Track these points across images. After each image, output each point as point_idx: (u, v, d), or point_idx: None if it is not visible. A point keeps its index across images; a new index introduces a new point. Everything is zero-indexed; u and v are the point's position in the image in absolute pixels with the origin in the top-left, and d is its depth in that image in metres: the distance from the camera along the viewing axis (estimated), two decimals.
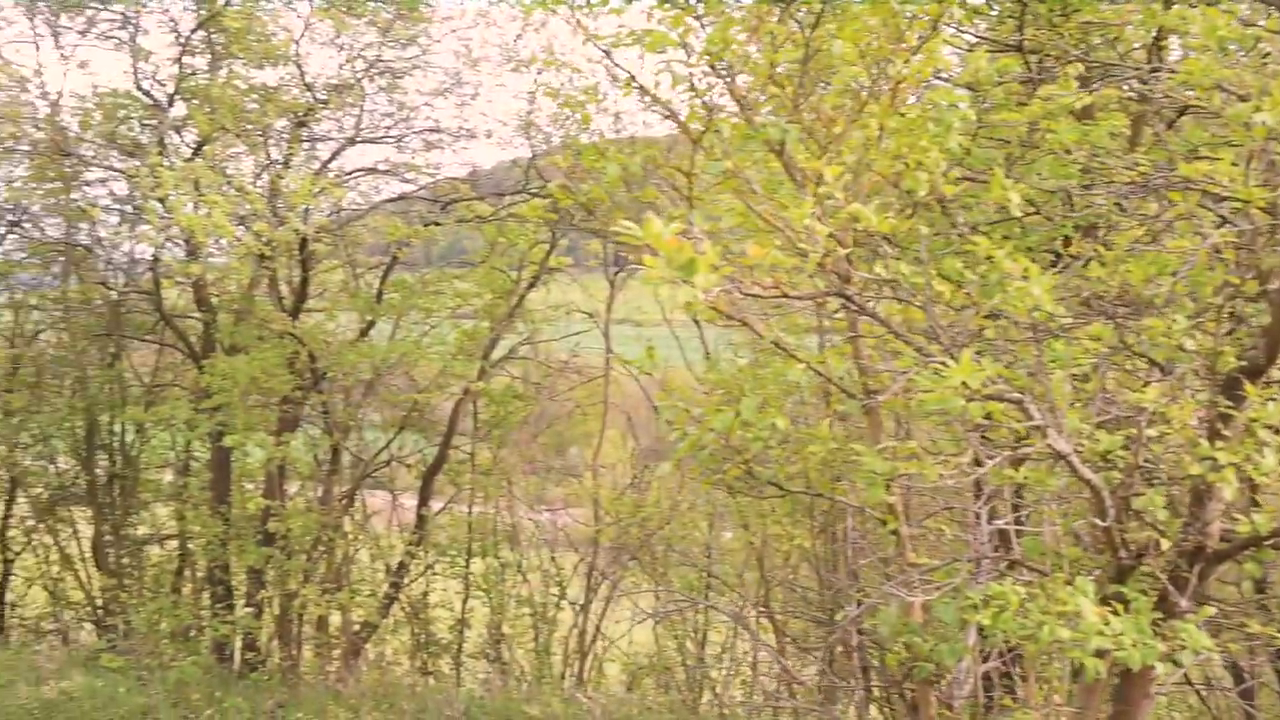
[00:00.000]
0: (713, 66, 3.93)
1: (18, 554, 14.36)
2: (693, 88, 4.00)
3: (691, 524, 12.59)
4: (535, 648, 13.06)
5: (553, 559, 13.74)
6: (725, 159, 4.01)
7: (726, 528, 12.74)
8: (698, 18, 3.91)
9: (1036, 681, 4.88)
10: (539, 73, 11.58)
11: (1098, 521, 3.51)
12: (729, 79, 4.04)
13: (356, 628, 12.49)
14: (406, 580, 12.97)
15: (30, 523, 14.37)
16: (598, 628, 13.04)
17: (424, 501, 12.98)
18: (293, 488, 13.21)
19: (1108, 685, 3.91)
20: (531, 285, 12.51)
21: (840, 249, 3.33)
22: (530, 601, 13.23)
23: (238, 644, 12.47)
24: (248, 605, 12.26)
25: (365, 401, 12.59)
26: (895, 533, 4.06)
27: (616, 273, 13.37)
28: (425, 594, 13.44)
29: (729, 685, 12.06)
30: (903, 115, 3.90)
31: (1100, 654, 3.16)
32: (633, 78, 4.39)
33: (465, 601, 13.30)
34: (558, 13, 4.53)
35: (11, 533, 14.25)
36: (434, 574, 13.38)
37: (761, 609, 10.66)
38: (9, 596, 14.38)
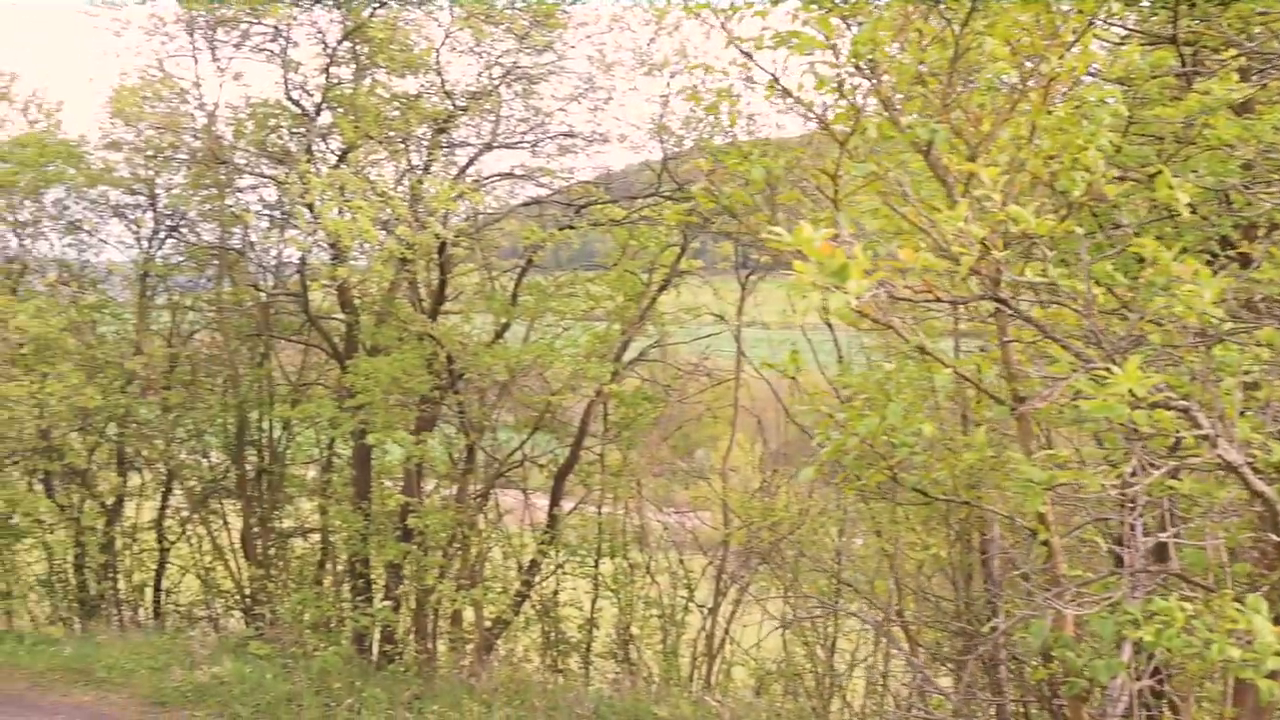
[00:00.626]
0: (858, 67, 3.87)
1: (173, 543, 15.12)
2: (839, 89, 3.95)
3: (822, 529, 12.44)
4: (663, 649, 13.08)
5: (681, 561, 13.75)
6: (870, 161, 3.96)
7: (857, 534, 12.54)
8: (844, 18, 3.86)
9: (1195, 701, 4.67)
10: (672, 76, 11.64)
11: (1271, 536, 3.34)
12: (875, 80, 3.98)
13: (489, 624, 12.73)
14: (537, 579, 13.16)
15: (184, 514, 15.12)
16: (726, 631, 12.99)
17: (555, 502, 13.16)
18: (428, 485, 13.55)
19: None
20: (662, 288, 12.56)
21: (994, 252, 3.25)
22: (658, 603, 13.26)
23: (376, 636, 12.82)
24: (386, 599, 12.61)
25: (499, 402, 12.84)
26: (1046, 543, 3.93)
27: (748, 275, 13.32)
28: (555, 593, 13.60)
29: (860, 694, 11.87)
30: (1051, 113, 3.79)
31: (1273, 675, 3.00)
32: (775, 79, 4.36)
33: (594, 601, 13.41)
34: (700, 16, 4.52)
35: (167, 523, 15.03)
36: (564, 573, 13.52)
37: (894, 617, 10.47)
38: (164, 583, 15.13)
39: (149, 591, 14.96)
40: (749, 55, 4.29)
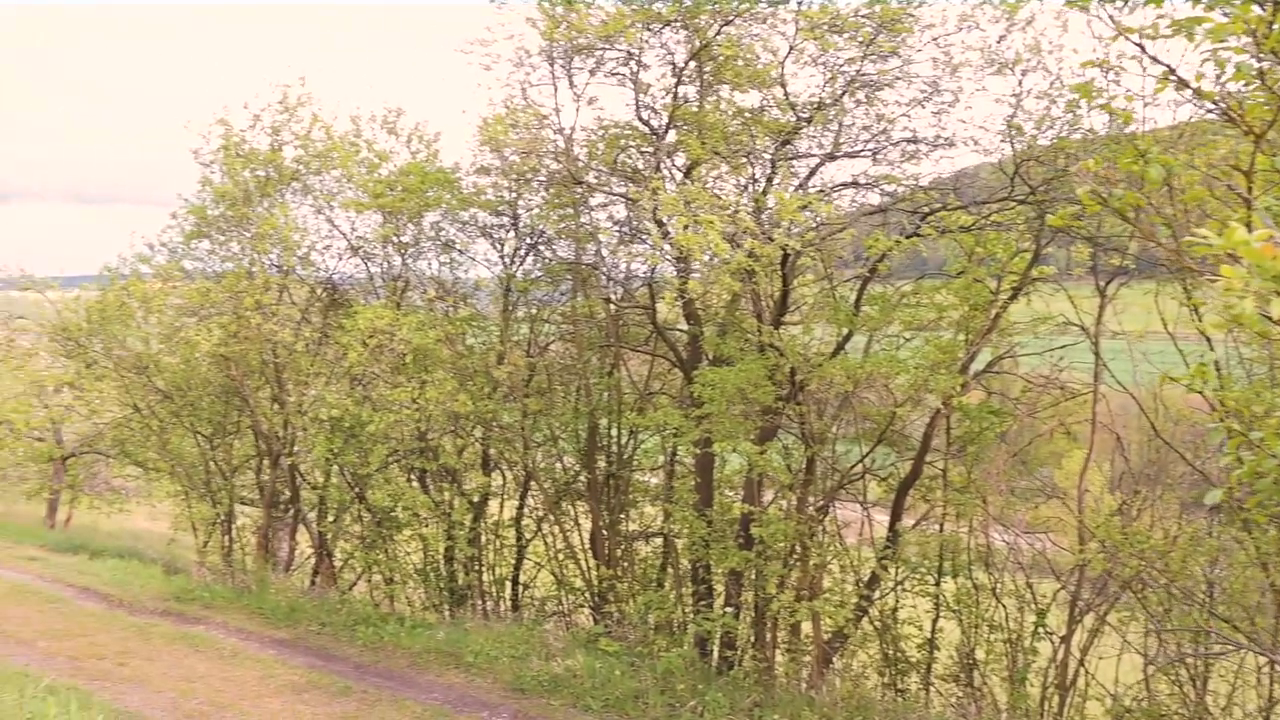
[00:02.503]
0: (1275, 53, 3.54)
1: (529, 541, 16.20)
2: (1261, 78, 3.63)
3: (1190, 558, 11.41)
4: (1010, 676, 12.47)
5: (1029, 585, 13.06)
6: None
7: (1231, 564, 11.40)
8: (1263, 3, 3.55)
9: None
10: (1023, 74, 11.12)
11: None
12: None
13: (828, 636, 12.67)
14: (876, 594, 12.96)
15: (539, 513, 16.17)
16: (1081, 662, 12.19)
17: (896, 517, 12.94)
18: (767, 495, 13.70)
19: None
20: (1013, 296, 12.02)
21: None
22: (1004, 628, 12.66)
23: (717, 641, 13.10)
24: (727, 605, 12.89)
25: (840, 414, 12.77)
26: None
27: (1108, 281, 12.46)
28: (895, 610, 13.37)
29: None
30: None
31: None
32: (1171, 70, 4.07)
33: (935, 621, 13.04)
34: (1087, 10, 4.29)
35: (525, 521, 16.12)
36: (904, 590, 13.25)
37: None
38: (521, 578, 16.24)
39: (508, 585, 16.08)
40: (1142, 46, 4.03)
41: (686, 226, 10.68)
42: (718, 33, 12.26)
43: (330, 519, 16.90)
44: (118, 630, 13.11)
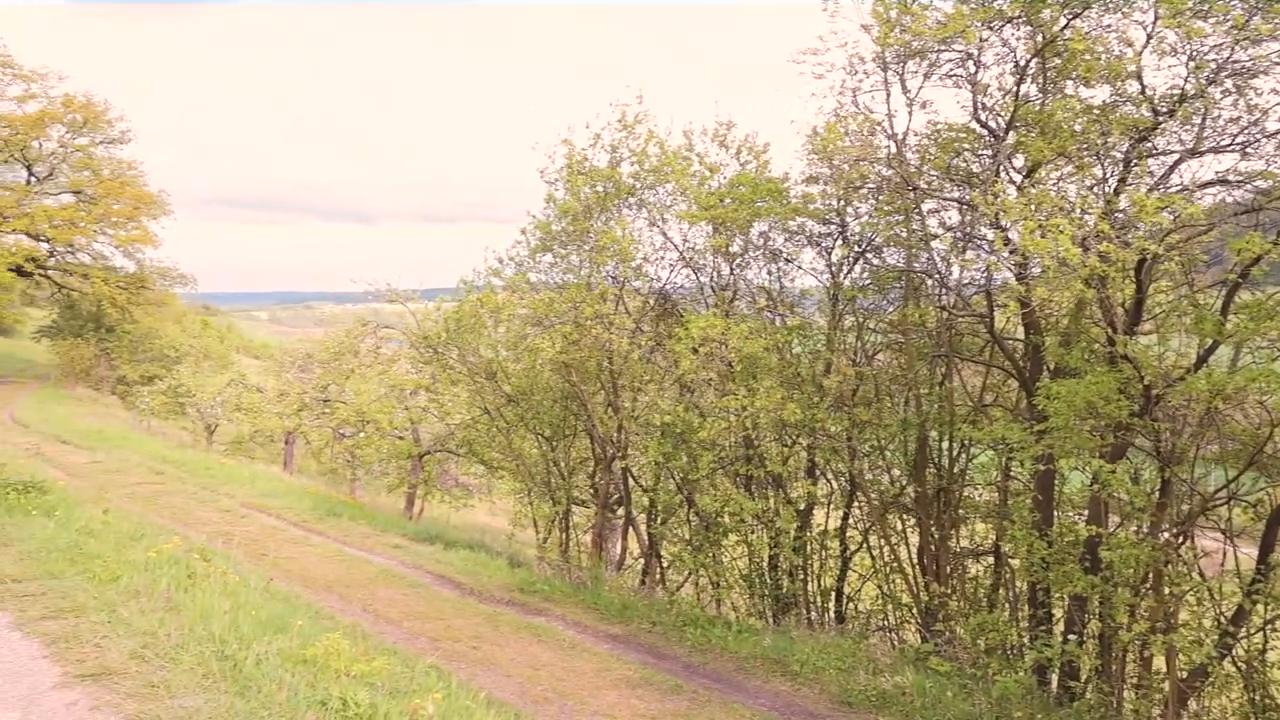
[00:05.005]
0: None
1: (854, 552, 15.98)
2: None
3: None
4: None
5: None
6: None
7: None
8: None
9: None
10: None
11: None
12: None
13: (1184, 674, 11.63)
14: (1242, 633, 11.73)
15: (864, 525, 15.92)
16: None
17: (1268, 549, 11.65)
18: (1115, 518, 12.77)
19: None
20: None
21: None
22: None
23: (1057, 669, 12.35)
24: (1069, 632, 12.11)
25: (1202, 432, 11.68)
26: None
27: None
28: (1263, 652, 12.03)
29: None
30: None
31: None
32: None
33: None
34: None
35: (849, 533, 15.91)
36: (1274, 630, 11.89)
37: None
38: (845, 589, 16.04)
39: (832, 595, 15.94)
40: None
41: (1034, 231, 10.16)
42: (1065, 26, 11.62)
43: (660, 521, 17.44)
44: (470, 616, 14.13)
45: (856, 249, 15.08)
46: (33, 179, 50.24)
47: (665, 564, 17.73)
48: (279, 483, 26.87)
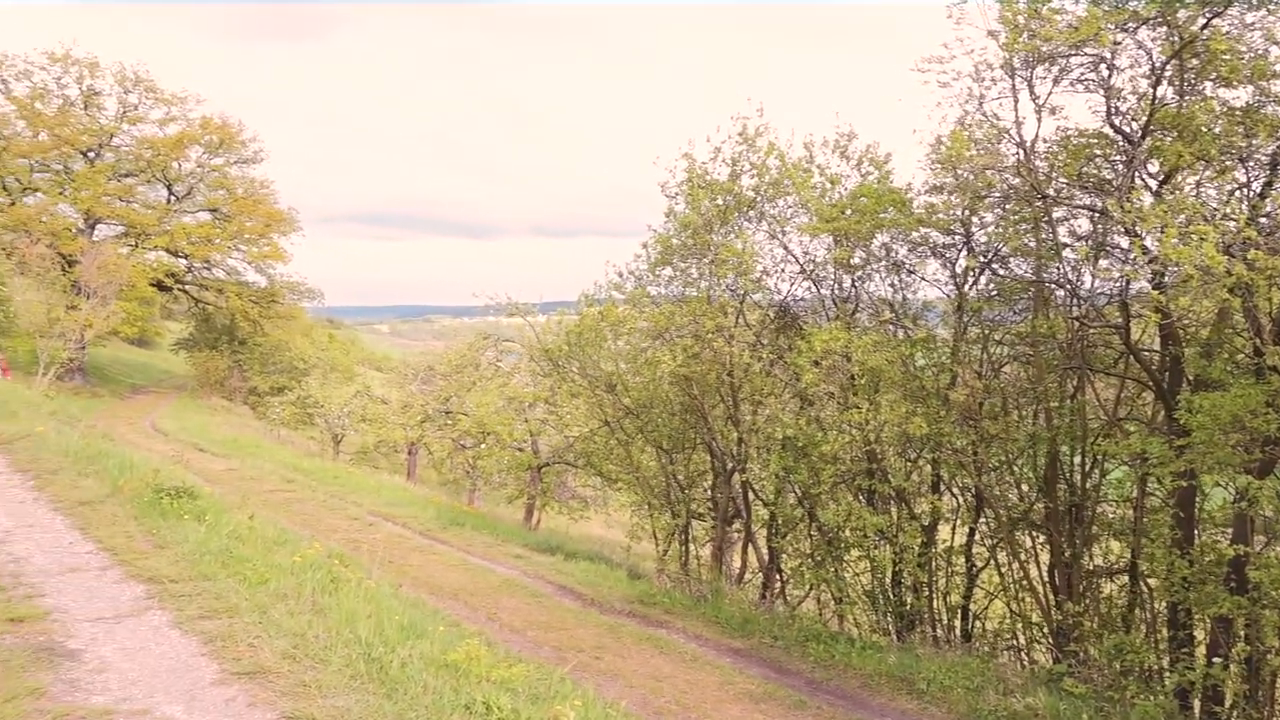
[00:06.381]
0: None
1: (980, 569, 15.61)
2: None
3: None
4: None
5: None
6: None
7: None
8: None
9: None
10: None
11: None
12: None
13: None
14: None
15: (991, 541, 15.54)
16: None
17: None
18: (1260, 537, 12.21)
19: None
20: None
21: None
22: None
23: (1199, 694, 11.86)
24: (1213, 655, 11.61)
25: None
26: None
27: None
28: None
29: None
30: None
31: None
32: None
33: None
34: None
35: (976, 549, 15.54)
36: None
37: None
38: (972, 607, 15.67)
39: (958, 613, 15.60)
40: None
41: (1176, 238, 9.82)
42: (1204, 26, 11.22)
43: (780, 535, 17.33)
44: (592, 627, 14.26)
45: (982, 259, 14.77)
46: (172, 198, 52.75)
47: (785, 578, 17.61)
48: (403, 492, 27.59)
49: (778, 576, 17.53)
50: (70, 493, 10.36)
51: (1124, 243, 12.87)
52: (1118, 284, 13.01)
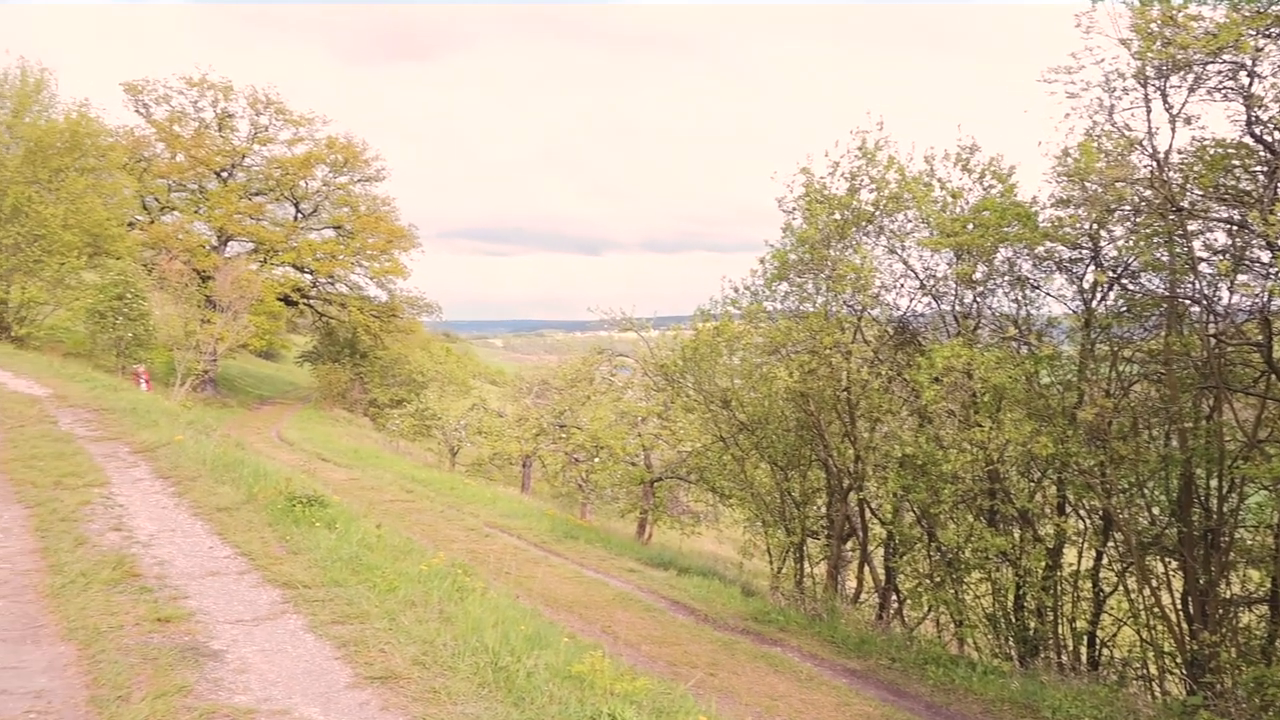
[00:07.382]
0: None
1: (1108, 594, 15.07)
2: None
3: None
4: None
5: None
6: None
7: None
8: None
9: None
10: None
11: None
12: None
13: None
14: None
15: (1120, 566, 14.99)
16: None
17: None
18: None
19: None
20: None
21: None
22: None
23: None
24: None
25: None
26: None
27: None
28: None
29: None
30: None
31: None
32: None
33: None
34: None
35: (1104, 574, 15.02)
36: None
37: None
38: (1099, 633, 15.14)
39: (1085, 639, 15.10)
40: None
41: None
42: None
43: (898, 555, 17.05)
44: (706, 643, 14.23)
45: (1111, 274, 14.31)
46: (299, 215, 54.70)
47: (902, 599, 17.30)
48: (518, 504, 27.97)
49: (894, 597, 17.24)
50: (208, 499, 10.79)
51: (1265, 256, 12.36)
52: (1258, 299, 12.47)
